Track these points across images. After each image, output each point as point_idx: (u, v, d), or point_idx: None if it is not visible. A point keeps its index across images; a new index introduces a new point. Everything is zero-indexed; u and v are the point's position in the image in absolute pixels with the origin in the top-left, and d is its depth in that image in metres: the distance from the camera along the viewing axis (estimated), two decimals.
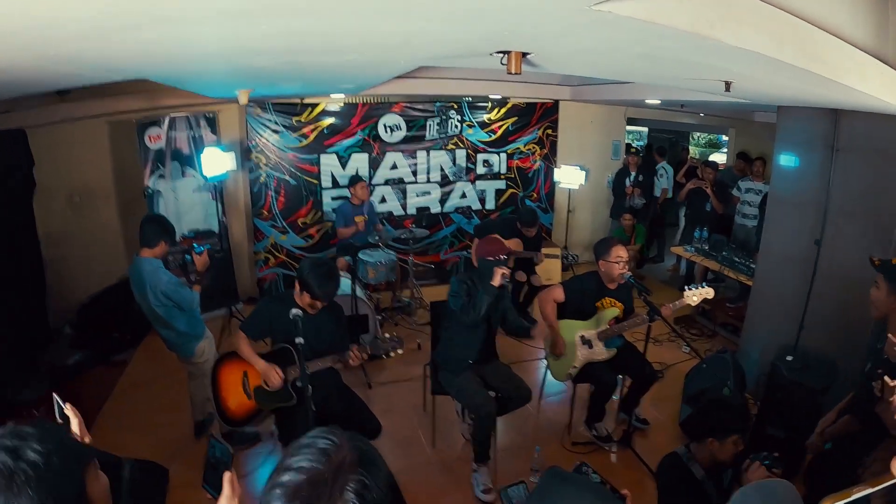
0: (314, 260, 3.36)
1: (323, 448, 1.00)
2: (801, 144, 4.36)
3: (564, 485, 1.42)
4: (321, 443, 1.01)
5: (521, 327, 4.14)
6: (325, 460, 0.97)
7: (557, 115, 8.13)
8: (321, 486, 0.94)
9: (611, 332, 4.09)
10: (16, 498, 1.04)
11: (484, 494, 3.74)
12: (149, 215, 3.95)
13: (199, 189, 6.39)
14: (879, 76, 2.42)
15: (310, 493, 0.93)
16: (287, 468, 0.98)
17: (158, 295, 3.76)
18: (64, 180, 5.95)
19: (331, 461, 0.97)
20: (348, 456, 0.99)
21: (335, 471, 0.96)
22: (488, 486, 3.76)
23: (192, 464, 4.02)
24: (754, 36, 1.81)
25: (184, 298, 3.81)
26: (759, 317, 4.91)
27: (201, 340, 4.07)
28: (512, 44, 2.40)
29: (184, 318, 3.92)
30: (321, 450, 1.00)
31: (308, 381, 2.92)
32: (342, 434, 1.04)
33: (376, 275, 6.23)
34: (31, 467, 1.07)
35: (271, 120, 6.74)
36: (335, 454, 0.99)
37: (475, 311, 3.70)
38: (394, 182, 7.55)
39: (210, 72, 3.52)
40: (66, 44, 1.95)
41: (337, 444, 1.01)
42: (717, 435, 2.63)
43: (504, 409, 3.99)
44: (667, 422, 4.65)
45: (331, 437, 1.02)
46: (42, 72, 2.66)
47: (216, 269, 6.49)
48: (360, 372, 5.18)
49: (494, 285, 3.69)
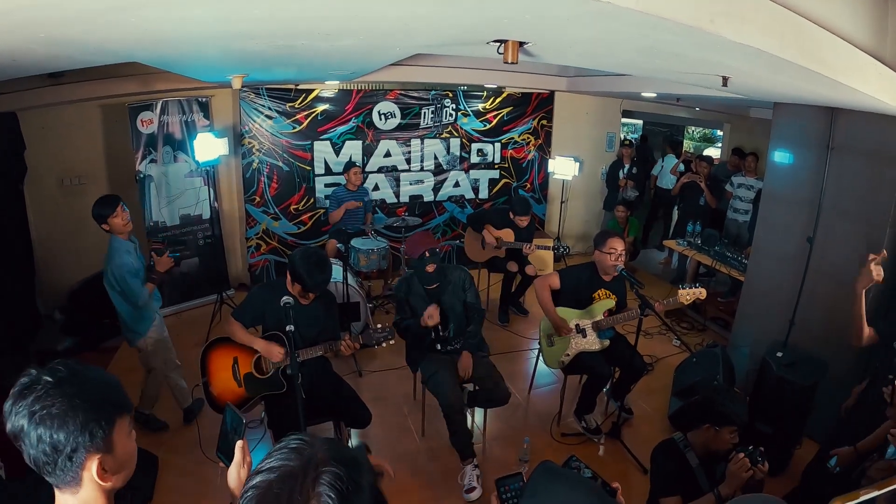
0: (305, 250, 3.34)
1: (294, 447, 0.99)
2: (796, 142, 4.36)
3: (556, 481, 1.42)
4: (293, 443, 1.01)
5: (477, 333, 4.17)
6: (295, 456, 0.97)
7: (553, 106, 8.10)
8: (291, 479, 0.93)
9: (604, 324, 4.10)
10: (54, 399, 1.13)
11: (466, 494, 3.69)
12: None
13: (191, 174, 6.33)
14: (877, 76, 2.42)
15: (281, 488, 0.92)
16: (258, 472, 0.97)
17: (110, 275, 3.74)
18: (55, 164, 5.89)
19: (301, 456, 0.97)
20: (320, 452, 0.98)
21: (305, 465, 0.95)
22: (471, 486, 3.71)
23: (180, 450, 4.03)
24: (755, 32, 1.80)
25: (131, 290, 3.75)
26: (750, 312, 4.93)
27: (143, 337, 3.98)
28: (509, 33, 2.38)
29: (127, 310, 3.86)
30: (292, 448, 0.99)
31: (298, 369, 2.92)
32: (318, 438, 1.04)
33: (368, 262, 6.20)
34: (79, 383, 1.18)
35: (265, 105, 6.68)
36: (306, 450, 0.98)
37: (411, 337, 3.94)
38: (387, 170, 7.51)
39: (202, 55, 3.47)
40: (55, 25, 1.92)
41: (308, 443, 1.00)
42: (715, 422, 2.64)
43: (477, 402, 4.03)
44: (655, 414, 4.67)
45: (303, 437, 1.02)
46: (32, 54, 2.62)
47: (207, 254, 6.50)
48: (351, 360, 5.18)
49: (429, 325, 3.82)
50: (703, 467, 2.68)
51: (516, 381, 5.10)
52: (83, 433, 1.14)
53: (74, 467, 1.16)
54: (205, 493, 3.66)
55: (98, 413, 1.17)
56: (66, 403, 1.13)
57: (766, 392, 4.02)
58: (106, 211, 3.73)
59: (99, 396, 1.19)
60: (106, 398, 1.21)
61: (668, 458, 2.74)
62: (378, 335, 3.45)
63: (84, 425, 1.14)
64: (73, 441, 1.13)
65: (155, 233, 6.09)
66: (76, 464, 1.15)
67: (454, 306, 4.02)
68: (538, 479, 1.42)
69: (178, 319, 6.26)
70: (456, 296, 4.05)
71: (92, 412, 1.16)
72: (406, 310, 4.02)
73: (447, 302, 3.98)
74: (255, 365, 3.48)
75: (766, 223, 4.71)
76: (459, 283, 4.08)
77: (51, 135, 5.75)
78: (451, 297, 4.01)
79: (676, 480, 2.64)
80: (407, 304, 4.01)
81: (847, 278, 3.79)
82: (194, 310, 6.45)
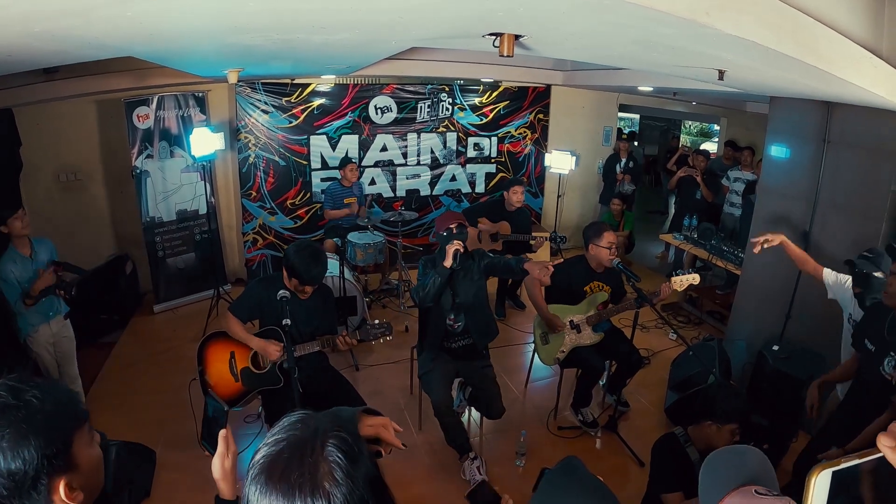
0: (298, 244, 3.33)
1: (297, 420, 1.01)
2: (792, 136, 4.36)
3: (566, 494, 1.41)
4: (295, 417, 1.02)
5: (509, 263, 3.79)
6: (301, 426, 0.99)
7: (549, 100, 8.10)
8: (301, 445, 0.95)
9: (599, 317, 4.10)
10: (2, 430, 1.05)
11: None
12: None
13: (188, 169, 6.31)
14: (873, 70, 2.42)
15: (291, 454, 0.94)
16: (265, 444, 0.98)
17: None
18: (51, 160, 5.89)
19: (307, 427, 0.98)
20: (324, 423, 1.00)
21: (313, 433, 0.97)
22: (476, 479, 3.70)
23: (178, 445, 4.03)
24: (752, 25, 1.80)
25: (6, 292, 3.70)
26: (746, 306, 4.94)
27: (27, 336, 3.89)
28: (505, 25, 2.37)
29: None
30: (296, 421, 1.00)
31: (295, 363, 2.92)
32: (319, 413, 1.05)
33: (365, 257, 6.19)
34: (25, 406, 1.09)
35: (261, 100, 6.66)
36: (311, 422, 1.00)
37: (423, 292, 3.64)
38: (384, 164, 7.51)
39: (198, 50, 3.45)
40: (49, 19, 1.91)
41: (311, 415, 1.02)
42: (717, 419, 2.65)
43: (475, 405, 4.01)
44: (652, 408, 4.69)
45: (305, 412, 1.03)
46: (27, 48, 2.61)
47: (203, 249, 6.49)
48: (348, 354, 5.17)
49: (446, 266, 3.57)
50: (702, 462, 2.68)
51: (513, 374, 5.11)
52: (41, 459, 1.07)
53: (41, 496, 1.09)
54: (203, 488, 3.63)
55: (52, 434, 1.10)
56: (15, 432, 1.06)
57: (762, 385, 4.04)
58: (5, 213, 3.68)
59: (50, 415, 1.11)
60: (59, 414, 1.14)
61: (669, 453, 2.75)
62: (375, 330, 3.44)
63: (40, 450, 1.07)
64: (32, 469, 1.06)
65: (152, 228, 6.09)
66: (41, 492, 1.09)
67: (467, 297, 3.83)
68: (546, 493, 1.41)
69: (174, 314, 6.27)
70: (471, 283, 3.84)
71: (45, 435, 1.08)
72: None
73: (461, 291, 3.82)
74: (251, 360, 3.48)
75: (763, 217, 4.71)
76: (476, 269, 3.87)
77: (46, 131, 5.74)
78: (466, 287, 3.83)
79: (677, 476, 2.64)
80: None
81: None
82: (191, 305, 6.44)
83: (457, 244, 3.60)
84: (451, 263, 3.58)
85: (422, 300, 3.70)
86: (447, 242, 3.62)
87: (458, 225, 3.75)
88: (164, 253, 6.26)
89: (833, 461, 0.79)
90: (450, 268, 3.59)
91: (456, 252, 3.59)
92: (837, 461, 0.79)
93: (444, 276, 3.61)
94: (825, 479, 0.79)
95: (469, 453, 3.82)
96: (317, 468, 0.92)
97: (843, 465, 0.79)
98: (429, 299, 3.67)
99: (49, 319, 3.96)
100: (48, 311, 3.93)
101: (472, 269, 3.84)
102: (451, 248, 3.58)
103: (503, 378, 4.71)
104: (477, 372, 3.89)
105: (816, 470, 0.80)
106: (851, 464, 0.80)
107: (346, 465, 0.93)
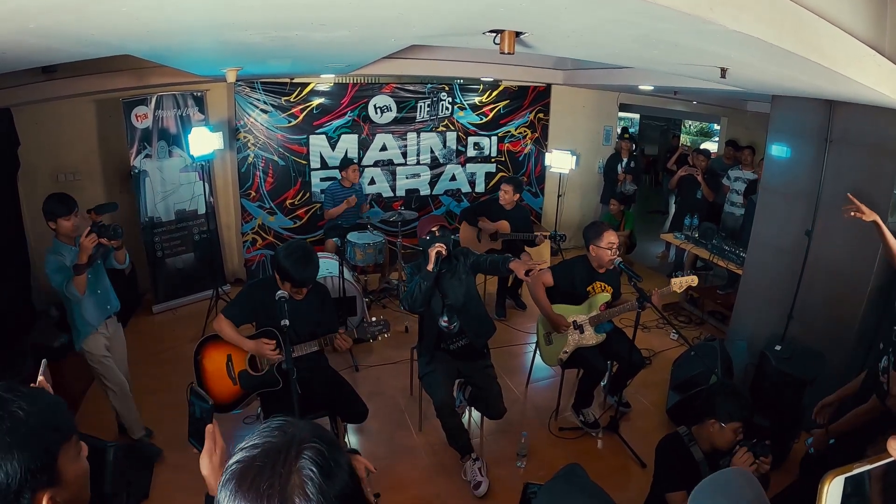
0: (287, 246, 3.25)
1: (277, 426, 0.99)
2: (794, 135, 4.34)
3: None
4: (276, 423, 1.00)
5: (495, 261, 3.75)
6: (278, 434, 0.97)
7: (549, 99, 8.09)
8: (274, 453, 0.92)
9: (602, 317, 4.08)
10: None
11: (475, 490, 3.67)
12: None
13: (186, 169, 6.29)
14: (876, 68, 2.41)
15: (263, 461, 0.91)
16: (242, 449, 0.96)
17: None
18: (49, 159, 5.85)
19: (285, 434, 0.96)
20: (302, 431, 0.98)
21: (289, 441, 0.94)
22: (477, 480, 3.68)
23: (177, 445, 4.00)
24: (754, 21, 1.78)
25: (54, 282, 3.43)
26: (747, 306, 4.92)
27: (85, 338, 3.67)
28: (505, 22, 2.35)
29: (72, 305, 3.59)
30: (275, 427, 0.99)
31: (293, 364, 2.89)
32: (301, 420, 1.03)
33: (364, 257, 6.17)
34: (10, 418, 1.06)
35: (260, 99, 6.64)
36: (289, 429, 0.98)
37: (412, 299, 3.67)
38: (383, 164, 7.49)
39: (195, 47, 3.43)
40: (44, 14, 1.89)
41: (291, 423, 1.00)
42: (721, 418, 2.63)
43: (476, 405, 3.99)
44: (653, 408, 4.66)
45: (286, 419, 1.02)
46: (23, 46, 2.58)
47: (202, 249, 6.47)
48: (348, 355, 5.16)
49: (429, 270, 3.61)
50: (707, 461, 2.68)
51: (514, 375, 5.09)
52: (24, 474, 1.04)
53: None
54: (201, 489, 3.63)
55: (37, 447, 1.07)
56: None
57: (764, 385, 4.01)
58: (60, 210, 3.47)
59: (36, 428, 1.08)
60: (44, 426, 1.11)
61: (673, 452, 2.75)
62: (373, 328, 3.41)
63: (24, 464, 1.04)
64: (15, 483, 1.04)
65: (150, 228, 6.06)
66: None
67: (457, 298, 3.81)
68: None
69: (173, 315, 6.25)
70: (459, 283, 3.83)
71: (29, 449, 1.06)
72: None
73: (450, 292, 3.81)
74: (249, 362, 3.44)
75: (764, 216, 4.68)
76: (462, 269, 3.86)
77: (45, 130, 5.71)
78: (454, 288, 3.82)
79: (682, 475, 2.63)
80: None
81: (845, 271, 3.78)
82: (190, 305, 6.43)
83: (438, 247, 3.64)
84: (434, 267, 3.63)
85: (411, 306, 3.74)
86: (429, 246, 3.67)
87: (440, 227, 3.80)
88: (163, 253, 6.24)
89: (846, 466, 0.78)
90: (433, 271, 3.63)
91: (438, 254, 3.63)
92: (850, 467, 0.78)
93: (430, 280, 3.65)
94: (838, 485, 0.78)
95: (470, 454, 3.80)
96: (288, 479, 0.90)
97: (855, 471, 0.78)
98: (418, 304, 3.71)
99: (106, 316, 3.76)
100: (105, 304, 3.76)
101: (458, 269, 3.85)
102: (433, 250, 3.63)
103: (504, 378, 4.68)
104: (478, 372, 3.88)
105: (830, 476, 0.78)
106: (864, 469, 0.78)
107: (319, 480, 0.91)
